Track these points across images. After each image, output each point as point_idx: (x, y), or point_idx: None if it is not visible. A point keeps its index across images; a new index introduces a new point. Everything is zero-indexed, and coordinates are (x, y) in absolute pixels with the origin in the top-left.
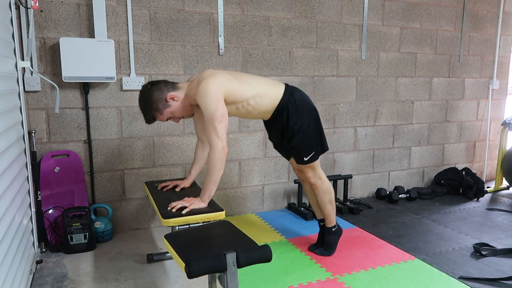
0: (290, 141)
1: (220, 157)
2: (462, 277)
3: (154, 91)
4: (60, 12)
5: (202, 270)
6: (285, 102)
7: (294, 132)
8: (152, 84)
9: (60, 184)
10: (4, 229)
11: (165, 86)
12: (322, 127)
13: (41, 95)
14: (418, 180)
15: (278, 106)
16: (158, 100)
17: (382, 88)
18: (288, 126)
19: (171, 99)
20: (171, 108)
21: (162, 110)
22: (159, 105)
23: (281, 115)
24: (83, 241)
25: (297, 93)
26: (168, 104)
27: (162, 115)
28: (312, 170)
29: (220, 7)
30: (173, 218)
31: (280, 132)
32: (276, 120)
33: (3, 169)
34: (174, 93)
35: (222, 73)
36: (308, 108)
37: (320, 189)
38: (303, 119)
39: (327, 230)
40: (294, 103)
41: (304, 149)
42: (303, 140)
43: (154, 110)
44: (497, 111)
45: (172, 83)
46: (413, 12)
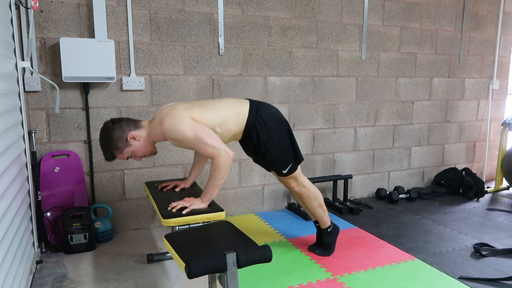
0: (265, 157)
1: (227, 162)
2: (462, 277)
3: (115, 130)
4: (60, 12)
5: (202, 270)
6: (252, 122)
7: (267, 149)
8: (114, 122)
9: (60, 184)
10: (4, 229)
11: (127, 125)
12: (294, 139)
13: (41, 95)
14: (418, 180)
15: (246, 127)
16: (118, 139)
17: (382, 88)
18: (259, 144)
19: (132, 138)
20: (132, 148)
21: (122, 149)
22: (119, 144)
23: (250, 135)
24: (83, 241)
25: (263, 109)
26: (129, 143)
27: (122, 154)
28: (295, 180)
29: (220, 7)
30: (173, 218)
31: (254, 150)
32: (248, 140)
33: (3, 169)
34: (136, 133)
35: (180, 104)
36: (277, 122)
37: (306, 196)
38: (273, 134)
39: (323, 231)
40: (261, 120)
41: (281, 163)
42: (278, 155)
43: (114, 148)
44: (497, 111)
45: (134, 121)
46: (413, 12)
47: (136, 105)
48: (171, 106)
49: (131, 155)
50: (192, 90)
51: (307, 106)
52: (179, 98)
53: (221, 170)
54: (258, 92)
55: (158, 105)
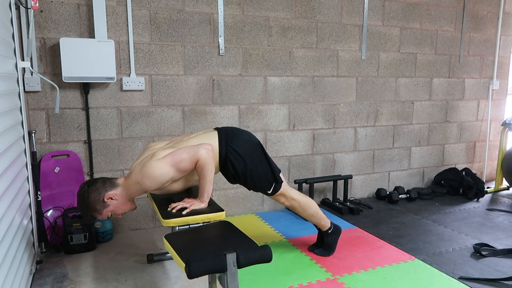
0: (246, 183)
1: (209, 155)
2: (462, 277)
3: (91, 193)
4: (60, 13)
5: (202, 271)
6: (224, 154)
7: (246, 177)
8: (89, 185)
9: (60, 185)
10: (4, 229)
11: (102, 186)
12: (269, 158)
13: (41, 95)
14: (418, 180)
15: (220, 161)
16: (95, 202)
17: (382, 88)
18: (237, 173)
19: (109, 198)
20: (110, 207)
21: (101, 211)
22: (97, 206)
23: (226, 167)
24: (83, 241)
25: (232, 138)
26: (106, 204)
27: (102, 215)
28: (283, 196)
29: (220, 7)
30: (173, 219)
31: (233, 180)
32: (225, 171)
33: (3, 170)
34: (112, 192)
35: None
36: (250, 148)
37: (298, 208)
38: (249, 162)
39: (324, 234)
40: (233, 151)
41: (263, 185)
42: (258, 179)
43: (92, 211)
44: (497, 111)
45: (110, 180)
46: (413, 12)
47: (136, 105)
48: (141, 164)
49: (111, 214)
50: (192, 90)
51: (307, 106)
52: (179, 98)
53: (207, 166)
54: (258, 92)
55: (158, 105)
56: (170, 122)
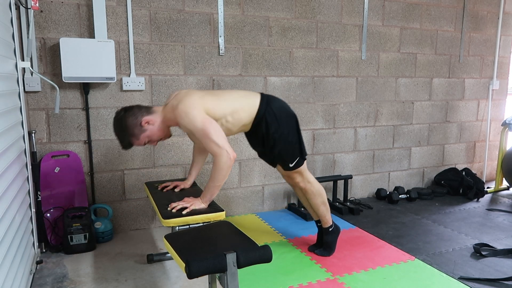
0: (273, 149)
1: (228, 163)
2: (462, 277)
3: (128, 117)
4: (60, 13)
5: (202, 271)
6: (262, 113)
7: (275, 141)
8: (126, 110)
9: (60, 185)
10: (4, 229)
11: (139, 111)
12: (301, 133)
13: (41, 95)
14: (418, 180)
15: (256, 118)
16: (133, 126)
17: (382, 88)
18: (268, 135)
19: (146, 123)
20: (147, 132)
21: (138, 135)
22: (135, 130)
23: (260, 125)
24: (83, 241)
25: (273, 102)
26: (144, 128)
27: (139, 140)
28: (300, 175)
29: (220, 7)
30: (173, 219)
31: (262, 142)
32: (256, 131)
33: (3, 170)
34: (149, 117)
35: (195, 92)
36: (287, 115)
37: (311, 193)
38: (282, 127)
39: (325, 231)
40: (271, 112)
41: (288, 156)
42: (286, 147)
43: (129, 136)
44: (497, 111)
45: (146, 107)
46: (413, 12)
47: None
48: (186, 92)
49: (147, 140)
50: None
51: (307, 107)
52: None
53: (221, 170)
54: None
55: (158, 105)
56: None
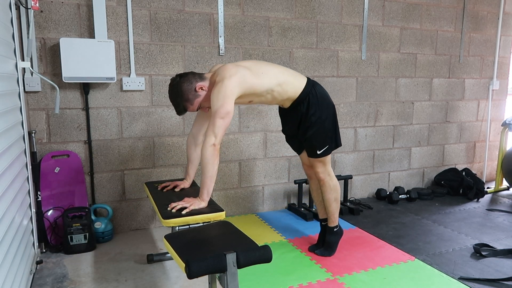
0: (306, 131)
1: (211, 152)
2: (462, 277)
3: (184, 83)
4: (60, 13)
5: (202, 271)
6: (307, 92)
7: (312, 123)
8: (181, 76)
9: (60, 185)
10: (4, 229)
11: (193, 77)
12: (338, 124)
13: (41, 95)
14: (418, 180)
15: (300, 95)
16: (188, 91)
17: (382, 88)
18: (307, 116)
19: (200, 89)
20: (201, 98)
21: (192, 100)
22: (189, 96)
23: (301, 104)
24: (83, 241)
25: (318, 87)
26: (198, 94)
27: (193, 105)
28: (323, 165)
29: (220, 7)
30: (173, 219)
31: (298, 122)
32: (296, 109)
33: (3, 170)
34: (202, 83)
35: (241, 72)
36: (328, 103)
37: (328, 186)
38: (321, 111)
39: (329, 230)
40: (315, 94)
41: (319, 141)
42: (319, 132)
43: (185, 101)
44: (497, 111)
45: (199, 74)
46: (413, 12)
47: (136, 105)
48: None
49: (200, 106)
50: None
51: None
52: None
53: (208, 160)
54: None
55: (158, 105)
56: (170, 122)
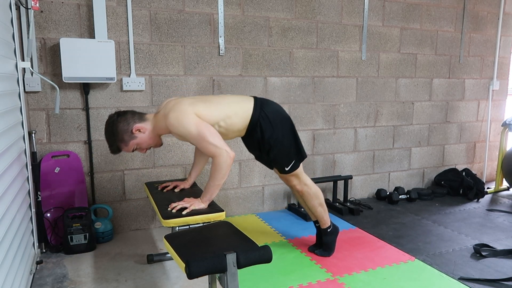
0: (269, 154)
1: (227, 162)
2: (462, 278)
3: (120, 122)
4: (60, 13)
5: (202, 271)
6: (256, 118)
7: (271, 145)
8: (119, 115)
9: (60, 185)
10: (4, 229)
11: (131, 117)
12: (297, 135)
13: (41, 95)
14: (418, 181)
15: (250, 123)
16: (123, 132)
17: (382, 88)
18: (263, 140)
19: (137, 130)
20: (137, 140)
21: (127, 142)
22: (125, 137)
23: (255, 131)
24: (83, 241)
25: (267, 106)
26: (134, 136)
27: (128, 146)
28: (297, 178)
29: (220, 7)
30: (173, 219)
31: (257, 147)
32: (252, 136)
33: (3, 170)
34: (141, 125)
35: (185, 99)
36: (281, 119)
37: (307, 195)
38: (277, 131)
39: (323, 232)
40: (265, 117)
41: (283, 160)
42: (281, 152)
43: (119, 141)
44: (497, 112)
45: (139, 114)
46: (413, 12)
47: (136, 105)
48: (176, 101)
49: (136, 147)
50: (192, 90)
51: (307, 107)
52: None
53: (221, 170)
54: (258, 93)
55: (158, 105)
56: None
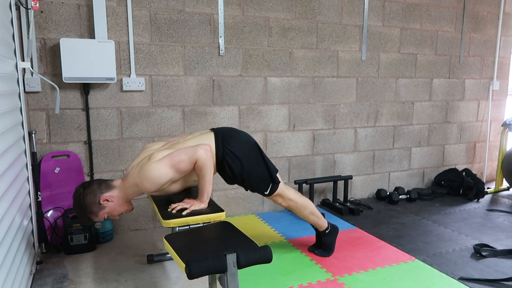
0: (244, 184)
1: (207, 155)
2: (462, 278)
3: (87, 195)
4: (60, 13)
5: (203, 271)
6: (221, 156)
7: (243, 177)
8: (84, 187)
9: (61, 185)
10: (4, 230)
11: (98, 188)
12: (266, 158)
13: (41, 96)
14: (418, 181)
15: (217, 162)
16: (91, 204)
17: (383, 89)
18: (234, 175)
19: (105, 200)
20: (107, 209)
21: (97, 213)
22: (93, 208)
23: (224, 168)
24: (83, 241)
25: (229, 140)
26: (102, 205)
27: (98, 217)
28: (280, 196)
29: (220, 8)
30: (173, 219)
31: (231, 180)
32: (223, 172)
33: (3, 170)
34: (108, 194)
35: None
36: (247, 149)
37: (296, 208)
38: (246, 163)
39: (322, 234)
40: (230, 152)
41: (260, 187)
42: (256, 180)
43: (89, 213)
44: (497, 112)
45: (106, 182)
46: (414, 13)
47: (136, 105)
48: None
49: (107, 216)
50: (192, 90)
51: (307, 107)
52: (179, 98)
53: (205, 166)
54: (258, 93)
55: (158, 106)
56: (170, 123)
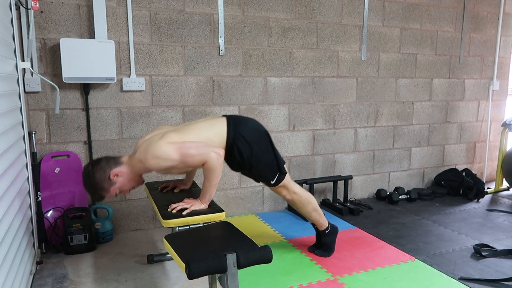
0: (251, 172)
1: (219, 161)
2: (462, 278)
3: (96, 172)
4: (60, 13)
5: (203, 271)
6: (232, 140)
7: (252, 164)
8: (93, 165)
9: (61, 185)
10: (4, 230)
11: (106, 164)
12: (275, 149)
13: (41, 96)
14: (418, 181)
15: (227, 146)
16: (102, 180)
17: (383, 89)
18: (243, 160)
19: (115, 176)
20: (117, 185)
21: (108, 189)
22: (104, 185)
23: (233, 153)
24: (83, 242)
25: (241, 125)
26: (113, 181)
27: (109, 193)
28: (285, 188)
29: (220, 8)
30: (173, 219)
31: (239, 167)
32: (231, 157)
33: (3, 170)
34: (117, 169)
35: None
36: (258, 135)
37: (299, 203)
38: (256, 149)
39: (322, 233)
40: (241, 137)
41: (268, 175)
42: (264, 168)
43: (100, 190)
44: (497, 112)
45: (114, 159)
46: (414, 13)
47: (136, 105)
48: (148, 141)
49: (119, 192)
50: (192, 90)
51: (307, 107)
52: (179, 98)
53: (215, 170)
54: (258, 93)
55: (158, 106)
56: (170, 123)
